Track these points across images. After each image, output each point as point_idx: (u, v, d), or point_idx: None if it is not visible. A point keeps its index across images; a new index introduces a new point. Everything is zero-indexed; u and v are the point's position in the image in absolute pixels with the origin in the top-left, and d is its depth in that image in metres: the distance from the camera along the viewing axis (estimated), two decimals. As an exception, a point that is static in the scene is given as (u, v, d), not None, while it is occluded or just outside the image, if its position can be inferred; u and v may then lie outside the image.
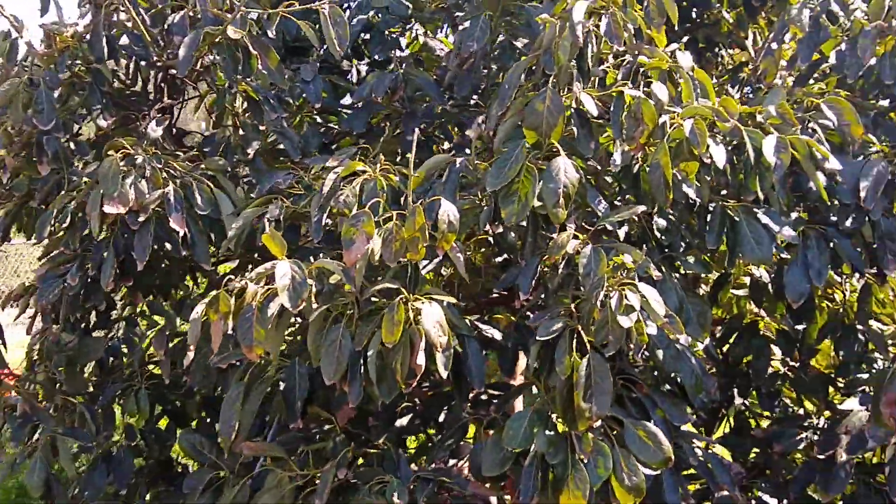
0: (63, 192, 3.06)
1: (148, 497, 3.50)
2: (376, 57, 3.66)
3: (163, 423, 3.68)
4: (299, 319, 2.43)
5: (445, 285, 2.59)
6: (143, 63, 3.29)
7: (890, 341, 3.24)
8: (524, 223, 2.34)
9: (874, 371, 3.07)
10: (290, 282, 2.18)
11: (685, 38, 4.29)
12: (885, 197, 2.71)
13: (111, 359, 3.64)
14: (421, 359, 2.06)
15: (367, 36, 3.70)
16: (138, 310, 3.69)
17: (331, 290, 2.34)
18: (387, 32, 3.73)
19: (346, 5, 3.95)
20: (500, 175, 2.30)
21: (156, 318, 3.52)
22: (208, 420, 3.51)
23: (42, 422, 3.17)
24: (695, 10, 4.22)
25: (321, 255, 2.66)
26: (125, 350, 3.63)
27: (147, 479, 3.58)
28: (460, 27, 3.21)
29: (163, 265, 3.22)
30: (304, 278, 2.20)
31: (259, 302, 2.19)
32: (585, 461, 2.17)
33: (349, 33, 2.95)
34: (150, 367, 3.57)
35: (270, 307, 2.18)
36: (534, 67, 2.61)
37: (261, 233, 2.62)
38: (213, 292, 2.20)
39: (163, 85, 3.32)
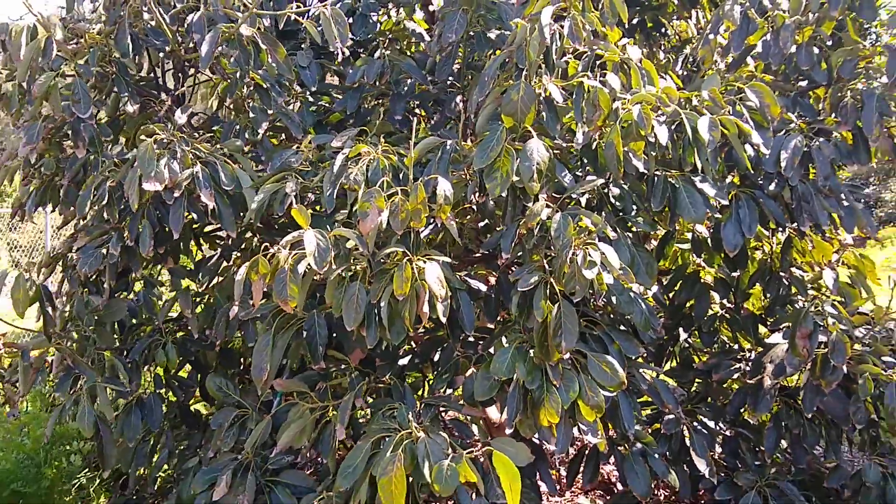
0: (97, 172, 3.49)
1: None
2: (359, 38, 4.09)
3: (183, 373, 4.17)
4: (315, 278, 2.92)
5: (436, 247, 3.07)
6: (161, 55, 3.70)
7: (809, 285, 3.83)
8: (504, 194, 2.84)
9: (793, 310, 3.65)
10: (316, 248, 2.66)
11: (635, 20, 4.81)
12: (801, 166, 3.27)
13: (132, 319, 4.13)
14: (426, 307, 2.57)
15: (350, 20, 4.13)
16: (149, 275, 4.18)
17: (346, 253, 2.83)
18: (368, 15, 4.19)
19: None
20: (485, 155, 2.80)
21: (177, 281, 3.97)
22: (225, 368, 3.99)
23: (83, 374, 3.63)
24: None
25: (329, 223, 3.14)
26: (144, 309, 4.12)
27: (171, 423, 4.08)
28: (440, 20, 3.66)
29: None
30: (327, 244, 2.69)
31: (290, 264, 2.67)
32: (557, 386, 2.70)
33: (344, 23, 3.41)
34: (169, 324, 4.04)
35: (300, 268, 2.67)
36: (507, 61, 3.09)
37: (279, 204, 3.12)
38: (255, 257, 2.67)
39: (180, 74, 3.73)
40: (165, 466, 4.40)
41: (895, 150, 3.42)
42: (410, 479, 2.52)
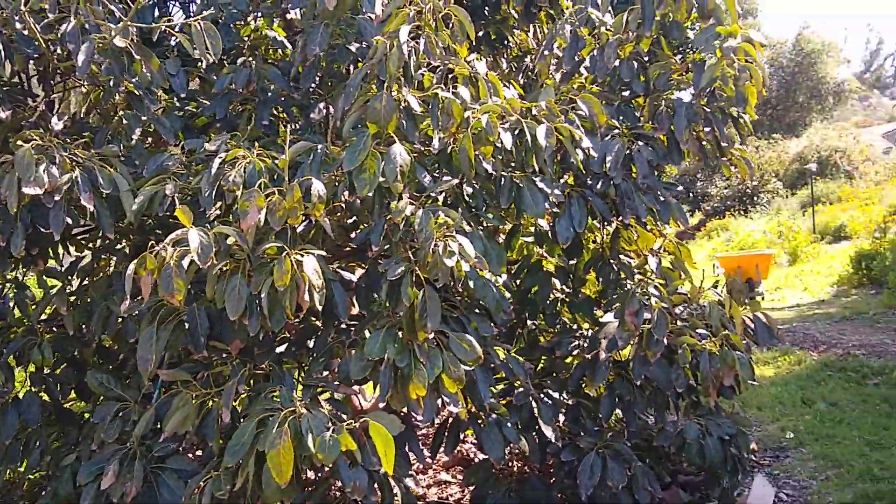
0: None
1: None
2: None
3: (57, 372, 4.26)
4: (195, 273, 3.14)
5: (310, 242, 3.35)
6: (30, 62, 3.80)
7: (636, 270, 4.36)
8: (371, 194, 3.17)
9: (622, 292, 4.16)
10: (199, 244, 2.91)
11: (480, 33, 5.23)
12: (623, 167, 3.77)
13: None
14: (306, 296, 2.87)
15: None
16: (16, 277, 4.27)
17: (226, 249, 3.08)
18: (232, 25, 4.42)
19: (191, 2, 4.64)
20: (354, 158, 3.12)
21: (50, 281, 4.08)
22: (104, 364, 4.12)
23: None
24: (487, 8, 5.16)
25: (207, 222, 3.36)
26: (13, 310, 4.20)
27: (45, 421, 4.16)
28: (301, 32, 3.94)
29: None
30: (209, 241, 2.94)
31: (175, 260, 2.90)
32: (424, 363, 3.06)
33: (217, 40, 3.64)
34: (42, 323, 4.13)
35: (184, 263, 2.90)
36: (369, 73, 3.41)
37: (158, 205, 3.32)
38: (142, 255, 2.88)
39: (52, 82, 3.85)
40: (36, 468, 4.47)
41: (702, 151, 4.00)
42: (295, 452, 2.81)
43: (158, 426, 3.39)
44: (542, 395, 4.10)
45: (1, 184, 3.31)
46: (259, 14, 4.77)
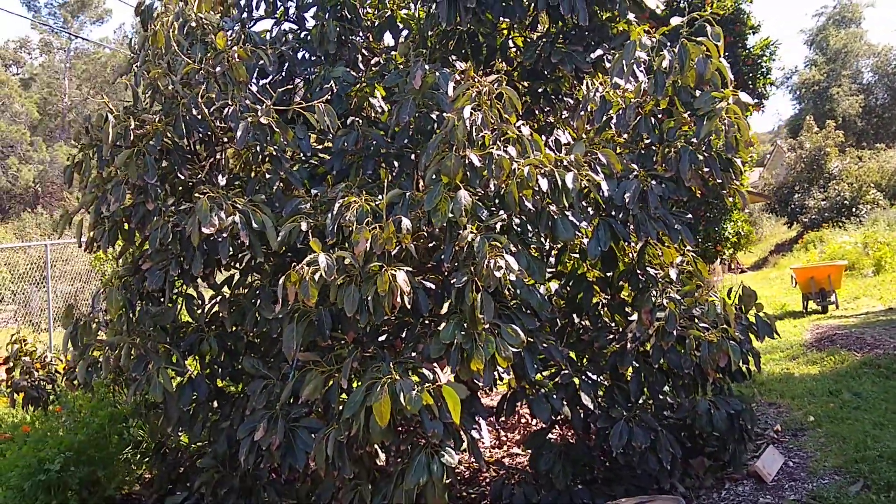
0: (158, 218, 5.01)
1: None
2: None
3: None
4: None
5: (401, 261, 4.61)
6: (198, 134, 5.24)
7: (660, 280, 5.50)
8: (444, 225, 4.43)
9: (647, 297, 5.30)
10: (326, 265, 4.24)
11: (540, 90, 6.47)
12: (640, 200, 4.92)
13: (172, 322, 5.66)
14: (399, 299, 4.16)
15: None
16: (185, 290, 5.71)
17: (344, 267, 4.40)
18: (343, 95, 5.78)
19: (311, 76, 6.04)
20: (431, 201, 4.40)
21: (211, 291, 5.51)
22: (252, 354, 5.51)
23: (153, 359, 5.13)
24: (546, 71, 6.38)
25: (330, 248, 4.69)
26: (183, 315, 5.66)
27: (207, 398, 5.58)
28: (396, 103, 5.26)
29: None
30: (333, 263, 4.26)
31: (310, 275, 4.24)
32: (482, 345, 4.30)
33: (333, 116, 5.00)
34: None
35: (315, 277, 4.23)
36: (444, 138, 4.68)
37: (297, 236, 4.68)
38: (288, 272, 4.23)
39: (217, 148, 5.30)
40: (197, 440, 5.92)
41: (705, 185, 5.12)
42: (392, 405, 4.08)
43: (293, 397, 4.75)
44: (583, 376, 5.29)
45: (185, 224, 4.76)
46: (364, 84, 6.12)
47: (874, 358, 8.55)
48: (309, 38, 6.30)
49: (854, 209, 32.69)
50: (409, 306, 4.26)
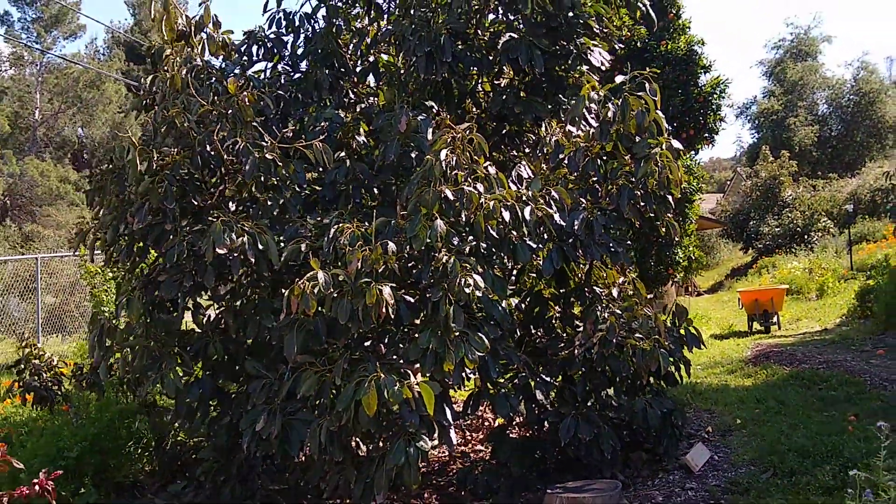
0: (173, 237, 5.81)
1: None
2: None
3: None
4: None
5: (386, 278, 5.46)
6: (212, 166, 6.08)
7: (604, 297, 6.40)
8: (423, 249, 5.29)
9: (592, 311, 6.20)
10: (324, 280, 5.08)
11: (504, 131, 7.40)
12: (587, 228, 5.84)
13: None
14: (384, 310, 5.01)
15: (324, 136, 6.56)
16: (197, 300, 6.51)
17: (338, 283, 5.24)
18: (332, 133, 6.65)
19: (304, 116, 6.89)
20: (412, 229, 5.27)
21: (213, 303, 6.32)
22: (251, 357, 6.31)
23: (166, 360, 5.92)
24: (511, 117, 7.30)
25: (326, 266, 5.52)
26: (193, 323, 6.46)
27: (209, 396, 6.37)
28: (382, 141, 6.13)
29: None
30: (329, 279, 5.10)
31: (310, 289, 5.07)
32: (453, 350, 5.15)
33: (329, 154, 5.85)
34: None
35: (316, 291, 5.07)
36: (423, 176, 5.55)
37: (298, 255, 5.51)
38: (294, 285, 5.06)
39: (226, 178, 6.14)
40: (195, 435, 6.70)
41: (641, 217, 6.05)
42: (378, 398, 4.91)
43: (289, 394, 5.56)
44: (538, 379, 6.17)
45: (200, 243, 5.58)
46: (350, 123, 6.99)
47: (800, 372, 9.56)
48: (302, 81, 7.17)
49: (806, 236, 34.03)
50: (392, 316, 5.11)
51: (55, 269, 15.53)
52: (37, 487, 3.84)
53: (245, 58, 7.41)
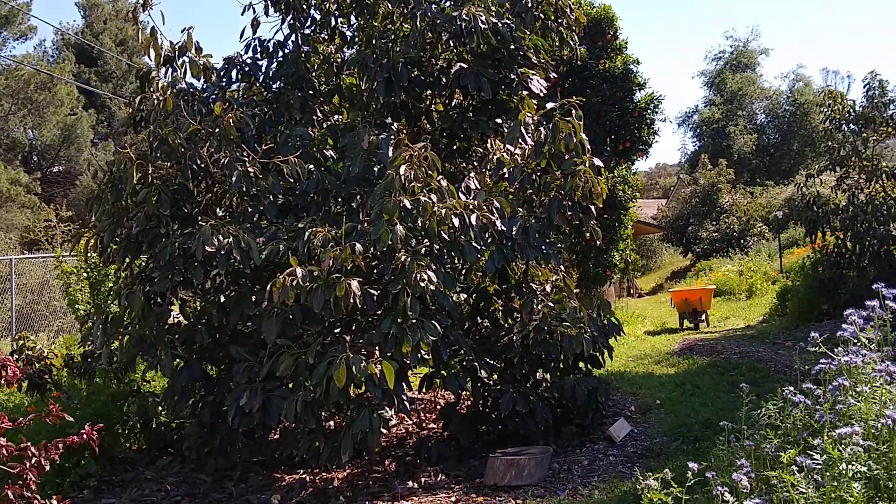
0: (166, 240, 6.70)
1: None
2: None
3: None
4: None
5: (354, 274, 6.41)
6: (200, 178, 6.98)
7: (538, 293, 7.44)
8: (385, 250, 6.26)
9: (528, 303, 7.23)
10: (301, 275, 6.02)
11: (455, 146, 8.42)
12: (524, 233, 6.87)
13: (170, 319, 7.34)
14: (352, 300, 5.97)
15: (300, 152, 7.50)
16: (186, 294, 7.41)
17: (313, 278, 6.18)
18: (304, 149, 7.59)
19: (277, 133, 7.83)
20: (377, 232, 6.23)
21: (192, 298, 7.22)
22: (234, 344, 7.22)
23: (160, 346, 6.80)
24: (462, 134, 8.32)
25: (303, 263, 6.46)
26: (179, 313, 7.35)
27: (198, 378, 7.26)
28: (347, 156, 7.09)
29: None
30: (306, 274, 6.05)
31: (290, 282, 6.00)
32: (410, 335, 6.12)
33: (304, 168, 6.79)
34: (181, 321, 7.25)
35: (294, 284, 6.00)
36: (385, 188, 6.52)
37: (277, 255, 6.44)
38: (276, 279, 5.99)
39: (213, 188, 7.05)
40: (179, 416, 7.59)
41: (569, 224, 7.10)
42: (347, 374, 5.86)
43: (269, 374, 6.49)
44: (483, 361, 7.18)
45: (191, 244, 6.48)
46: (318, 139, 7.95)
47: (717, 361, 10.75)
48: (274, 101, 8.10)
49: (742, 241, 35.63)
50: (359, 306, 6.08)
51: (23, 270, 16.13)
52: (84, 437, 4.68)
53: (224, 80, 8.32)
